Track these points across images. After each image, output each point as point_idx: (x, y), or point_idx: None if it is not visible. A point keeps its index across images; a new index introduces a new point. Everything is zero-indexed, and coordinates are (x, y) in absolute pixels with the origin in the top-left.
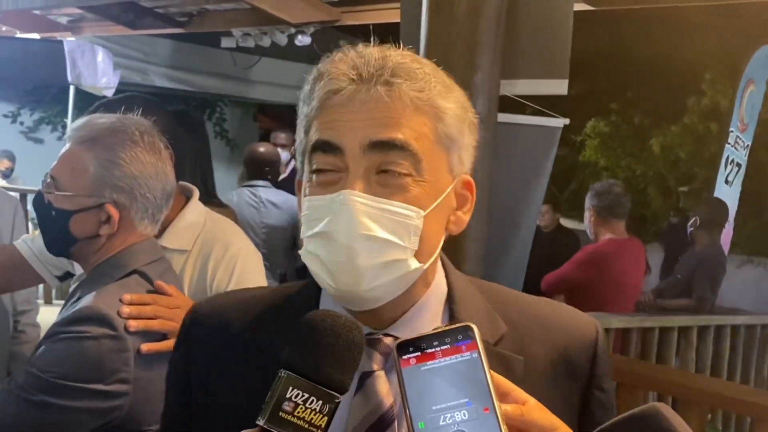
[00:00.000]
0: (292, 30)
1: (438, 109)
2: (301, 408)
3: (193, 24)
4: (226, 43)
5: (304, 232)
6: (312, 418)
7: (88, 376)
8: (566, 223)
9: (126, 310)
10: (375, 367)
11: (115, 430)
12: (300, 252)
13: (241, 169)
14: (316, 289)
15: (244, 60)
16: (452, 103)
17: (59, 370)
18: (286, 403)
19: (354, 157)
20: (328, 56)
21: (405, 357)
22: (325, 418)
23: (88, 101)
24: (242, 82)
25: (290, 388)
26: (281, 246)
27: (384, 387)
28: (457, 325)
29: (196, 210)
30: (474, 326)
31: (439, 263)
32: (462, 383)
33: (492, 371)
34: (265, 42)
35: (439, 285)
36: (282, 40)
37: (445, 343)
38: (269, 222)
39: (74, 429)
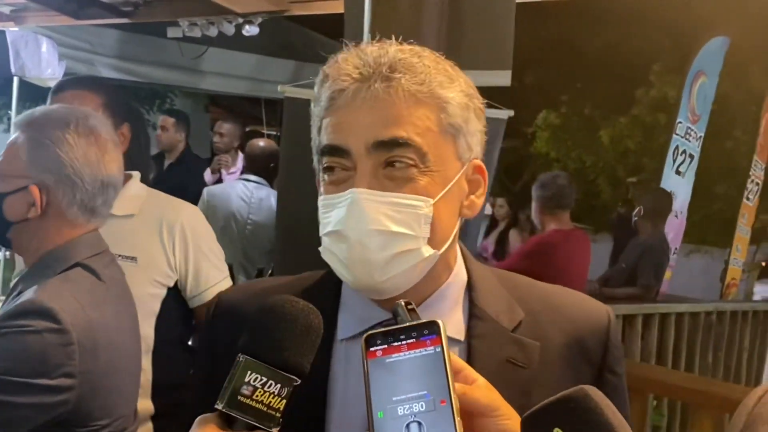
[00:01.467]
0: (240, 20)
1: (440, 99)
2: (260, 392)
3: (139, 14)
4: (172, 33)
5: (321, 230)
6: (270, 402)
7: (31, 371)
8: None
9: None
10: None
11: (62, 425)
12: (320, 249)
13: None
14: (337, 280)
15: (192, 50)
16: (455, 92)
17: (2, 366)
18: (245, 387)
19: (360, 156)
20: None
21: (372, 349)
22: (284, 401)
23: (32, 93)
24: (191, 73)
25: (248, 372)
26: (264, 245)
27: None
28: (424, 320)
29: (137, 184)
30: (440, 322)
31: (459, 251)
32: (423, 376)
33: (453, 355)
34: (212, 32)
35: (459, 273)
36: (229, 30)
37: (411, 337)
38: (256, 219)
39: (19, 425)
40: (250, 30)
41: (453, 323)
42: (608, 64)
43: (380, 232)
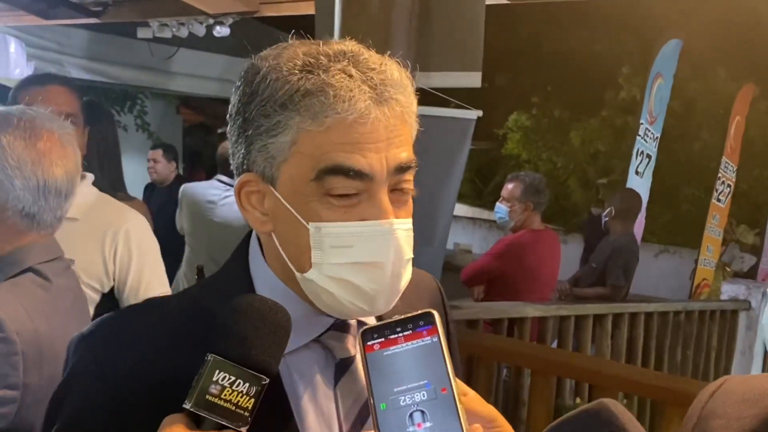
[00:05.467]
0: (211, 21)
1: (412, 115)
2: (228, 391)
3: (109, 14)
4: (142, 33)
5: (329, 258)
6: (239, 401)
7: None
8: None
9: None
10: (353, 351)
11: None
12: (309, 276)
13: None
14: (247, 289)
15: (162, 51)
16: (415, 106)
17: None
18: (213, 386)
19: (381, 181)
20: (275, 53)
21: (369, 343)
22: (252, 400)
23: (0, 93)
24: (162, 74)
25: (216, 371)
26: (232, 248)
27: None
28: (420, 311)
29: (87, 187)
30: (435, 312)
31: None
32: (422, 366)
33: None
34: (183, 33)
35: None
36: (200, 30)
37: (408, 329)
38: (220, 221)
39: None
40: (221, 31)
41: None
42: (578, 67)
43: (408, 261)
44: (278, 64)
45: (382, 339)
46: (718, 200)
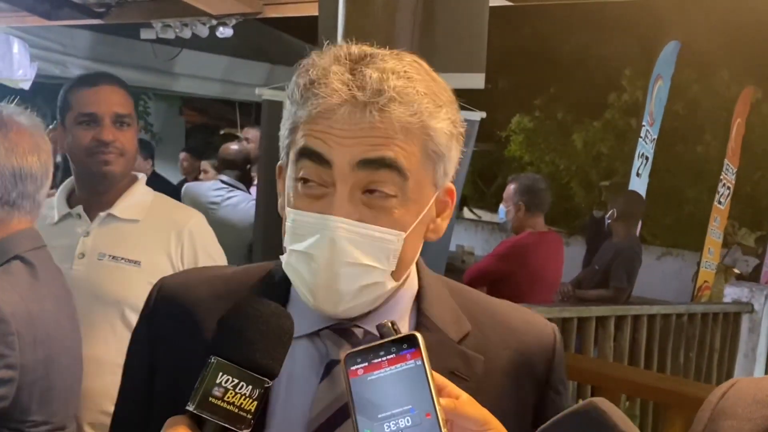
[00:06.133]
0: (214, 22)
1: (428, 128)
2: (231, 393)
3: (112, 15)
4: (145, 34)
5: (288, 243)
6: (242, 403)
7: None
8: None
9: None
10: (342, 356)
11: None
12: (282, 260)
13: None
14: (287, 276)
15: (165, 52)
16: (442, 121)
17: None
18: (216, 388)
19: (342, 174)
20: (316, 52)
21: (353, 368)
22: (255, 402)
23: (3, 94)
24: (165, 75)
25: (220, 373)
26: (234, 248)
27: None
28: (403, 334)
29: (142, 188)
30: (419, 335)
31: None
32: (406, 391)
33: (435, 372)
34: (186, 34)
35: (411, 282)
36: (203, 32)
37: (391, 353)
38: (224, 221)
39: None
40: (224, 32)
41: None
42: (581, 69)
43: (353, 264)
44: (307, 60)
45: (366, 363)
46: (719, 202)
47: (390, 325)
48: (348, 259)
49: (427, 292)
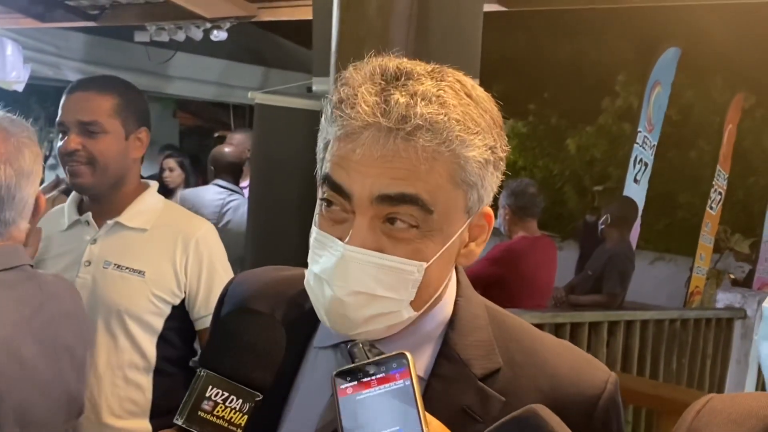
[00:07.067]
0: (208, 25)
1: (459, 157)
2: (221, 407)
3: (106, 17)
4: (139, 37)
5: (310, 262)
6: (232, 417)
7: None
8: None
9: None
10: (332, 374)
11: None
12: (306, 273)
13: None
14: None
15: (159, 55)
16: (476, 149)
17: None
18: (206, 402)
19: (361, 206)
20: (355, 64)
21: (342, 386)
22: (245, 416)
23: None
24: (158, 78)
25: (210, 387)
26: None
27: None
28: (392, 353)
29: (154, 196)
30: (408, 354)
31: (453, 284)
32: (394, 411)
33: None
34: (180, 36)
35: (442, 309)
36: (197, 35)
37: (380, 372)
38: (227, 226)
39: None
40: (218, 35)
41: (420, 359)
42: (575, 74)
43: (365, 294)
44: (345, 74)
45: (355, 382)
46: (711, 208)
47: (361, 346)
48: (358, 288)
49: (459, 321)
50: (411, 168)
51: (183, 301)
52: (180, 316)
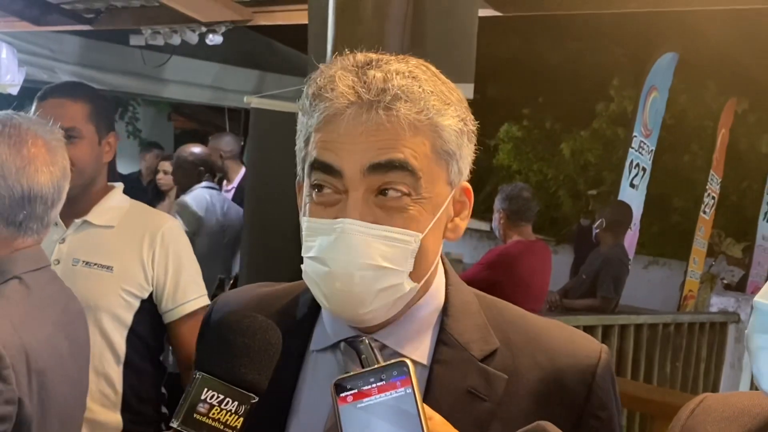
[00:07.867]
0: (203, 29)
1: (437, 126)
2: (216, 409)
3: (101, 21)
4: (134, 40)
5: (304, 252)
6: (227, 420)
7: None
8: (481, 225)
9: None
10: (332, 382)
11: None
12: (302, 268)
13: None
14: None
15: (154, 58)
16: (451, 118)
17: None
18: (201, 404)
19: (353, 180)
20: (324, 64)
21: (342, 395)
22: (241, 419)
23: None
24: (154, 81)
25: (205, 389)
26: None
27: None
28: (393, 361)
29: (119, 196)
30: (409, 362)
31: (441, 273)
32: (396, 419)
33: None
34: (175, 40)
35: (435, 296)
36: (192, 38)
37: (381, 380)
38: (226, 227)
39: None
40: (214, 39)
41: (419, 347)
42: (569, 79)
43: (369, 266)
44: (315, 72)
45: (355, 390)
46: (704, 212)
47: (367, 343)
48: (363, 260)
49: (452, 307)
50: (395, 137)
51: (151, 294)
52: (149, 309)
